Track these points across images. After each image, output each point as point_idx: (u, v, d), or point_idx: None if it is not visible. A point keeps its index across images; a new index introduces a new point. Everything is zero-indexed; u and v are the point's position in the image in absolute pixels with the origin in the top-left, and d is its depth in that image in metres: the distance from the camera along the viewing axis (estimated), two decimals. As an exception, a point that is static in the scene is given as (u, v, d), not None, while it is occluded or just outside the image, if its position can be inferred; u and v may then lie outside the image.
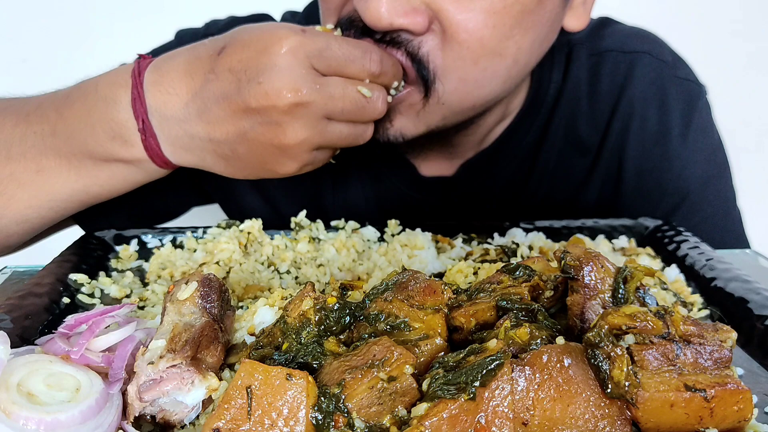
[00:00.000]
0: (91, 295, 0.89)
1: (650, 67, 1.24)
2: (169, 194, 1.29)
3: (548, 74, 1.22)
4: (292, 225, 1.08)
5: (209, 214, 1.45)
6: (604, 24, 1.30)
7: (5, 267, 1.00)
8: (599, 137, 1.25)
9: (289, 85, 0.82)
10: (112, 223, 1.08)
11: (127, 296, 0.91)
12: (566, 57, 1.24)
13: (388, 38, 0.95)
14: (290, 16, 1.34)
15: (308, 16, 1.31)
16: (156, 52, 1.30)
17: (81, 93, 0.96)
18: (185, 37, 1.30)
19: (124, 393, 0.62)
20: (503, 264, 0.78)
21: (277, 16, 1.35)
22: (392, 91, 0.96)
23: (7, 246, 1.07)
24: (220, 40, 0.89)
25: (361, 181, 1.28)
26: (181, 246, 1.05)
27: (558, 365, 0.56)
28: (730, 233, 1.27)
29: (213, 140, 0.89)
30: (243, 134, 0.87)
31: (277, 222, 1.10)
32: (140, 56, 0.94)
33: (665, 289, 0.89)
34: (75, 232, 1.12)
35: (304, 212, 1.10)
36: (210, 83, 0.86)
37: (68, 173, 0.97)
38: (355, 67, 0.87)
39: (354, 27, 0.96)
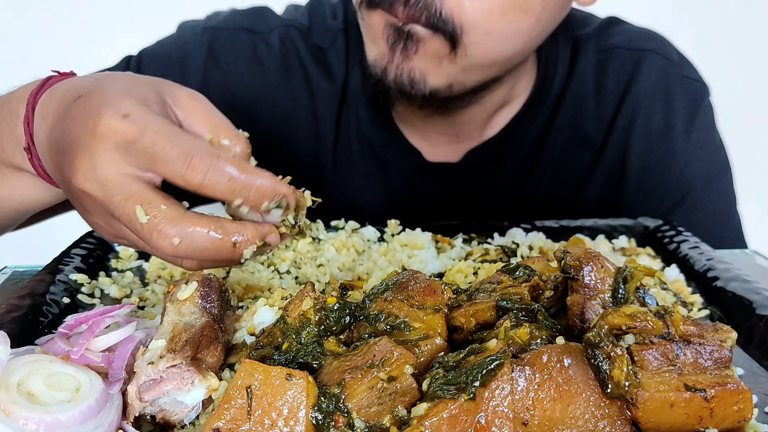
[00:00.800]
0: (91, 295, 0.89)
1: (657, 64, 1.25)
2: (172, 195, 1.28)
3: (553, 68, 1.24)
4: (293, 224, 1.08)
5: (209, 212, 1.45)
6: (612, 23, 1.32)
7: (5, 267, 1.00)
8: (603, 132, 1.26)
9: (82, 171, 0.71)
10: None
11: (127, 296, 0.91)
12: (572, 52, 1.26)
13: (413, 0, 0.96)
14: (293, 9, 1.34)
15: (312, 9, 1.32)
16: (158, 45, 1.31)
17: (2, 101, 0.92)
18: (187, 29, 1.30)
19: (124, 393, 0.62)
20: (503, 264, 0.78)
21: (280, 9, 1.35)
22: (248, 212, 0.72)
23: None
24: (85, 85, 0.80)
25: (365, 167, 1.29)
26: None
27: (558, 365, 0.56)
28: (730, 232, 1.28)
29: (56, 178, 0.82)
30: (65, 188, 0.79)
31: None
32: (56, 73, 0.88)
33: (665, 289, 0.89)
34: (75, 232, 1.12)
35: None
36: (59, 124, 0.79)
37: None
38: (168, 168, 0.68)
39: None
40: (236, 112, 1.26)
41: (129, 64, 1.29)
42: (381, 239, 1.08)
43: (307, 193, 0.75)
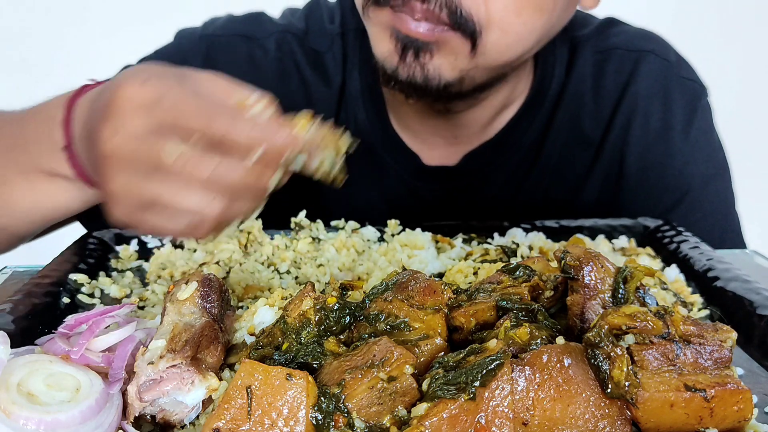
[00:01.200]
0: (91, 295, 0.89)
1: (655, 65, 1.26)
2: None
3: (551, 69, 1.24)
4: (292, 225, 1.08)
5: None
6: (610, 24, 1.32)
7: (5, 267, 1.00)
8: (602, 132, 1.26)
9: (108, 131, 0.73)
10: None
11: (127, 296, 0.91)
12: (569, 53, 1.26)
13: None
14: (290, 14, 1.34)
15: (309, 13, 1.32)
16: (156, 55, 1.31)
17: (38, 109, 0.96)
18: (185, 37, 1.30)
19: (124, 393, 0.62)
20: (503, 264, 0.78)
21: (277, 13, 1.35)
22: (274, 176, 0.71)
23: None
24: (115, 79, 0.83)
25: (363, 171, 1.29)
26: (181, 246, 1.05)
27: (558, 365, 0.56)
28: (728, 232, 1.28)
29: (88, 163, 0.85)
30: (92, 162, 0.81)
31: (277, 221, 1.10)
32: (93, 81, 0.92)
33: (665, 289, 0.89)
34: (75, 233, 1.12)
35: (303, 212, 1.10)
36: (88, 114, 0.84)
37: (24, 186, 0.97)
38: (193, 122, 0.70)
39: None
40: None
41: None
42: (381, 239, 1.08)
43: (345, 137, 0.76)
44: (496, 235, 1.09)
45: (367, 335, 0.63)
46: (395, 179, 1.28)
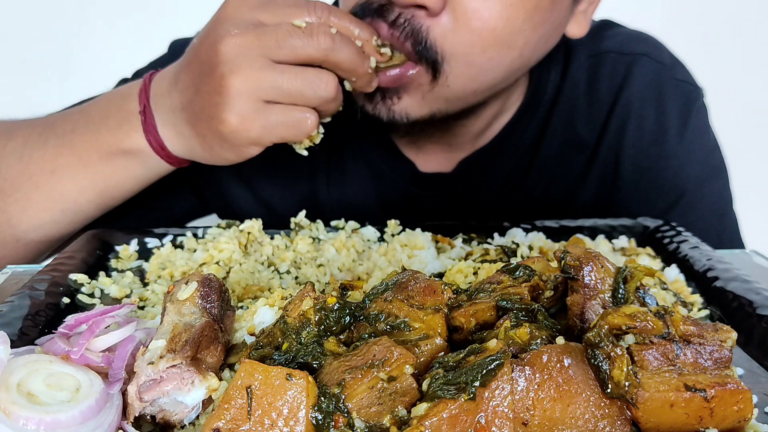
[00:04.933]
0: (91, 295, 0.89)
1: (648, 68, 1.25)
2: (172, 202, 1.29)
3: (546, 74, 1.24)
4: (292, 225, 1.08)
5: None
6: (605, 26, 1.31)
7: (5, 267, 1.00)
8: (596, 136, 1.26)
9: (223, 32, 0.88)
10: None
11: (127, 296, 0.91)
12: (565, 57, 1.26)
13: (402, 20, 0.96)
14: None
15: None
16: (151, 66, 1.31)
17: (110, 93, 1.06)
18: (178, 48, 1.30)
19: (124, 393, 0.62)
20: (503, 264, 0.78)
21: None
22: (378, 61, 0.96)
23: (24, 256, 1.09)
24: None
25: (359, 178, 1.29)
26: (181, 246, 1.05)
27: (558, 365, 0.56)
28: (726, 233, 1.28)
29: (183, 107, 0.96)
30: (196, 87, 0.94)
31: (274, 222, 1.10)
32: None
33: (665, 289, 0.89)
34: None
35: (303, 212, 1.10)
36: (183, 64, 0.98)
37: (77, 169, 1.02)
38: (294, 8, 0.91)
39: (368, 10, 0.98)
40: None
41: None
42: (381, 239, 1.08)
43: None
44: (496, 235, 1.09)
45: (367, 335, 0.63)
46: (391, 186, 1.28)
